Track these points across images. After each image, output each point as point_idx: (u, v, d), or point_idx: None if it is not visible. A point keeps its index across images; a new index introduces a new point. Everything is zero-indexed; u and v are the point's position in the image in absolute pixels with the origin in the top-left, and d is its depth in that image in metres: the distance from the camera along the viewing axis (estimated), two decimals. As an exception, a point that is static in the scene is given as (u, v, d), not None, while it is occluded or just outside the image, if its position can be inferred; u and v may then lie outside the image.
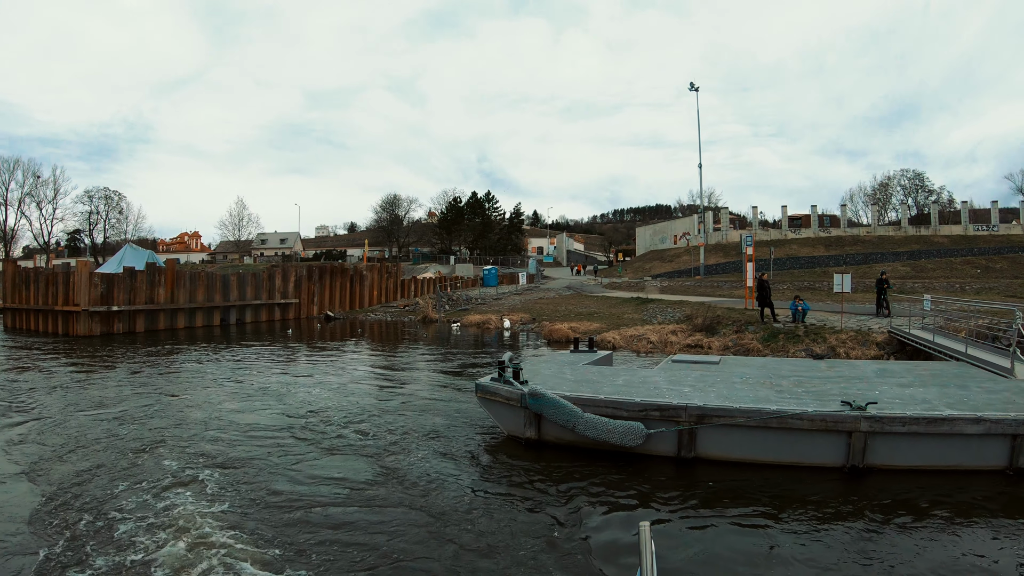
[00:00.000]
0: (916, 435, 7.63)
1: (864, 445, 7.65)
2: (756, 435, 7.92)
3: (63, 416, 11.09)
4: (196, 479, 7.71)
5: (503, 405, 9.20)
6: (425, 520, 6.48)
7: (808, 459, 7.84)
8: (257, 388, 13.97)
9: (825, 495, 7.14)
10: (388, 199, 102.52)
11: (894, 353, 17.92)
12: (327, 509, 6.80)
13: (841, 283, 20.50)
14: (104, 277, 25.94)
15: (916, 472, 7.65)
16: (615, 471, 7.91)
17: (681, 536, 6.11)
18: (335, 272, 39.47)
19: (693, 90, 63.77)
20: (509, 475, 7.98)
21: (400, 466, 8.21)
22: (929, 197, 77.40)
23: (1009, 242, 57.86)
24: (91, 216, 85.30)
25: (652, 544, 2.57)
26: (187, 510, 6.66)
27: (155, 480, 7.67)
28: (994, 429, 7.63)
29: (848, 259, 55.86)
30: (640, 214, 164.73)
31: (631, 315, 27.34)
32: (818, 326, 20.52)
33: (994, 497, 7.05)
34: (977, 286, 42.32)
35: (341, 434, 9.89)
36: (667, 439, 8.17)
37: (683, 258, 64.40)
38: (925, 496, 7.02)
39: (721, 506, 6.82)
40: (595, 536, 6.15)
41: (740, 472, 7.77)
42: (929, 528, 6.26)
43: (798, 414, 7.74)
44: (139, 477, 7.79)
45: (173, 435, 9.77)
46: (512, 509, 6.84)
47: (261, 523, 6.41)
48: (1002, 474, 7.63)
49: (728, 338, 20.22)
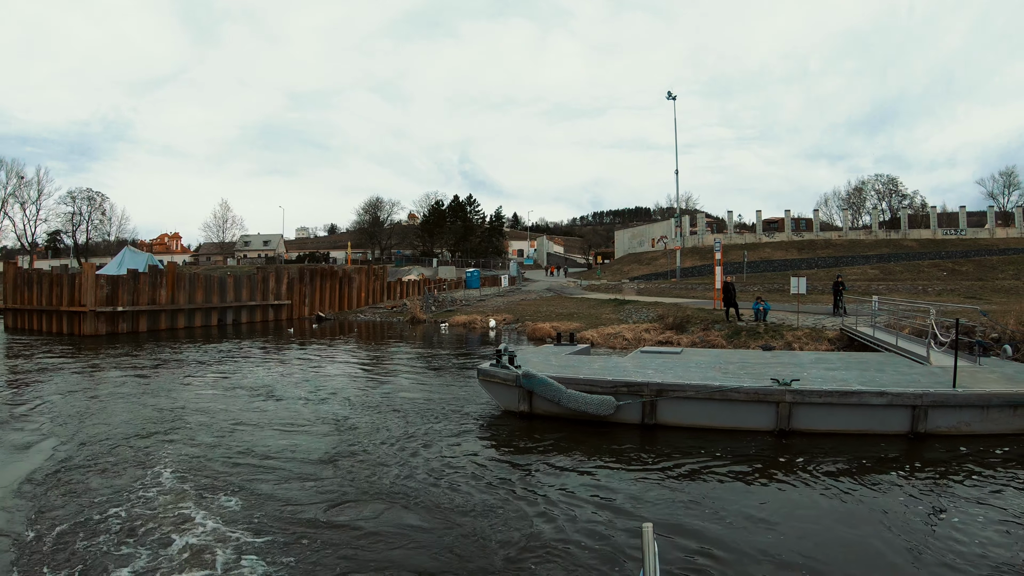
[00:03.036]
0: (831, 405, 9.61)
1: (789, 413, 9.63)
2: (704, 405, 9.89)
3: (84, 408, 12.15)
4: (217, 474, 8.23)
5: (500, 385, 11.06)
6: (447, 473, 8.28)
7: (745, 424, 9.82)
8: (281, 379, 15.60)
9: (759, 452, 9.03)
10: (371, 202, 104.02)
11: (844, 348, 19.97)
12: (366, 465, 8.53)
13: (797, 285, 22.59)
14: (109, 279, 27.21)
15: (833, 435, 9.61)
16: (592, 436, 9.83)
17: (644, 484, 7.92)
18: (325, 274, 40.91)
19: (671, 99, 66.09)
20: (509, 440, 9.86)
21: (419, 436, 9.99)
22: (903, 201, 79.79)
23: (976, 245, 59.88)
24: (74, 217, 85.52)
25: (655, 545, 2.57)
26: (196, 507, 6.95)
27: (162, 476, 8.06)
28: (896, 401, 9.61)
29: (820, 262, 57.48)
30: (620, 217, 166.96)
31: (609, 315, 29.22)
32: (778, 324, 22.59)
33: (897, 455, 8.95)
34: (940, 288, 44.35)
35: (370, 407, 11.64)
36: (633, 409, 10.13)
37: (660, 261, 66.23)
38: (839, 453, 8.92)
39: (676, 461, 8.68)
40: (576, 485, 7.97)
41: (692, 434, 9.73)
42: (841, 477, 8.06)
43: (736, 388, 9.72)
44: (149, 475, 8.14)
45: (192, 430, 10.52)
46: (511, 467, 8.66)
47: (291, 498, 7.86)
48: (905, 437, 9.60)
49: (696, 335, 22.20)
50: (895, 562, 5.65)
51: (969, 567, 5.52)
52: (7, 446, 9.58)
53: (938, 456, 8.84)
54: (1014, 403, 9.68)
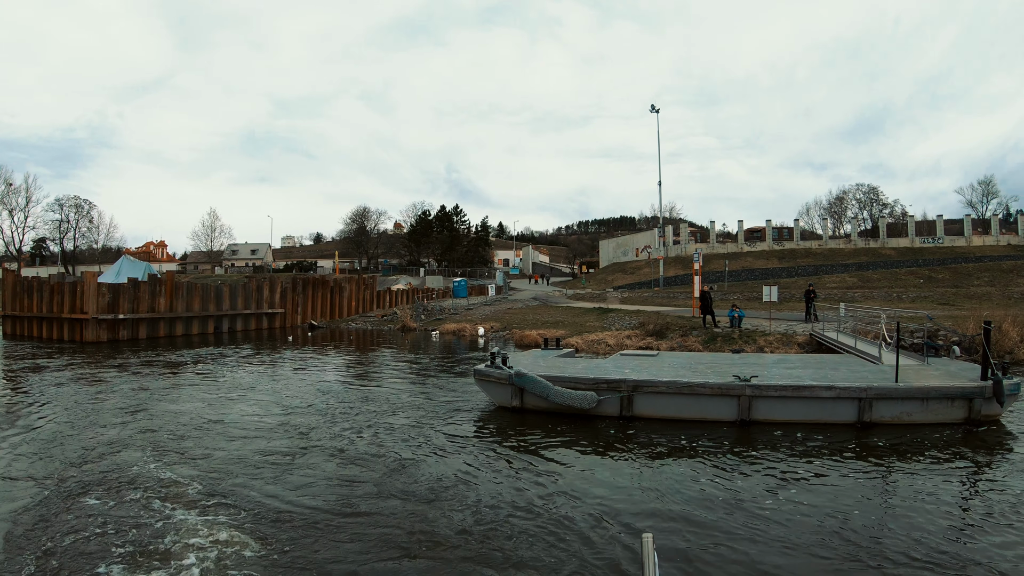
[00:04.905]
0: (786, 398, 10.94)
1: (749, 405, 10.96)
2: (674, 399, 11.23)
3: (84, 416, 12.91)
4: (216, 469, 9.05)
5: (495, 384, 12.30)
6: (450, 457, 9.47)
7: (711, 415, 11.15)
8: (286, 384, 16.68)
9: (723, 439, 10.29)
10: (358, 211, 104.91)
11: (813, 351, 21.40)
12: (367, 456, 9.69)
13: (769, 294, 24.04)
14: (111, 287, 28.09)
15: (788, 424, 10.93)
16: (576, 426, 11.09)
17: (621, 468, 9.14)
18: (317, 284, 41.90)
19: (654, 111, 68.08)
20: (503, 431, 11.08)
21: (425, 427, 11.19)
22: (884, 210, 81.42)
23: (953, 253, 61.56)
24: (61, 225, 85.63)
25: (655, 556, 2.58)
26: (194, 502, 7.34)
27: (163, 474, 8.54)
28: (843, 394, 10.96)
29: (800, 271, 58.80)
30: (605, 226, 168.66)
31: (593, 323, 30.50)
32: (752, 330, 24.00)
33: (845, 440, 10.22)
34: (914, 295, 45.89)
35: (374, 404, 12.79)
36: (612, 403, 11.43)
37: (644, 270, 67.58)
38: (794, 440, 10.21)
39: (649, 449, 9.92)
40: (561, 468, 9.18)
41: (664, 425, 11.05)
42: (795, 459, 9.31)
43: (703, 383, 11.07)
44: (154, 472, 8.61)
45: (200, 432, 11.57)
46: (505, 453, 9.88)
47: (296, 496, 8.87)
48: (852, 426, 10.92)
49: (675, 340, 23.54)
50: (842, 534, 6.60)
51: (906, 536, 6.49)
52: (25, 445, 10.43)
53: (881, 442, 10.13)
54: (950, 396, 11.06)
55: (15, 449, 9.78)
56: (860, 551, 6.12)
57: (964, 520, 6.96)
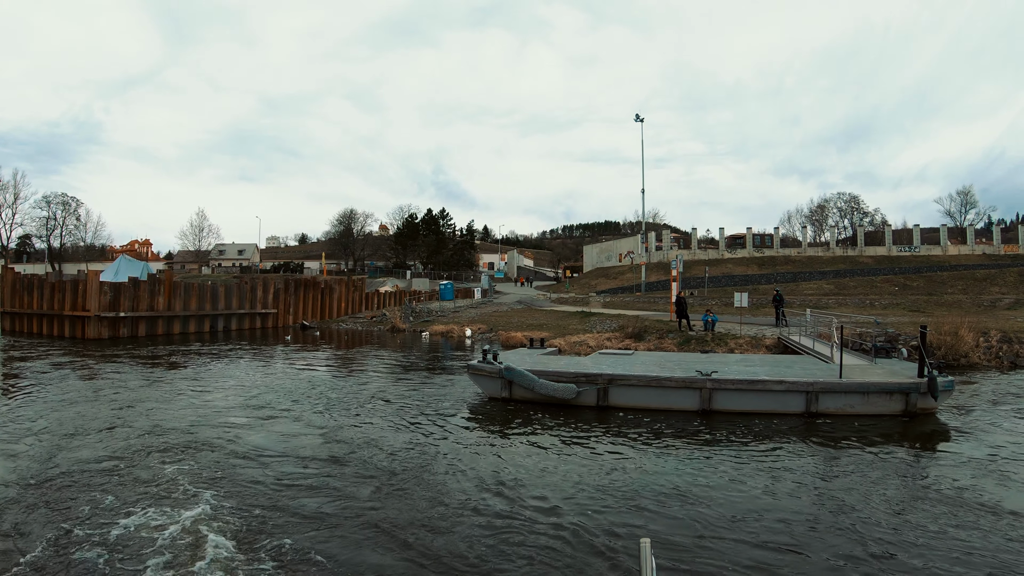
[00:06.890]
0: (742, 391, 12.48)
1: (710, 396, 12.50)
2: (645, 391, 12.79)
3: (94, 406, 14.40)
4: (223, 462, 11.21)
5: (486, 377, 13.76)
6: (445, 441, 10.87)
7: (677, 405, 12.70)
8: (295, 377, 17.96)
9: (687, 426, 11.78)
10: (345, 213, 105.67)
11: (780, 353, 23.02)
12: (369, 439, 11.05)
13: (740, 300, 25.67)
14: (112, 286, 29.11)
15: (745, 413, 12.45)
16: (558, 415, 12.55)
17: (597, 449, 10.58)
18: (308, 285, 43.03)
19: (639, 121, 69.92)
20: (493, 418, 12.53)
21: (424, 416, 12.59)
22: (864, 219, 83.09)
23: (929, 262, 62.65)
24: (48, 222, 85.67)
25: (652, 560, 2.58)
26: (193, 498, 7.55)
27: (164, 471, 9.46)
28: (792, 388, 12.50)
29: (779, 277, 59.76)
30: (590, 230, 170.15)
31: (575, 326, 31.96)
32: (724, 333, 25.60)
33: (794, 428, 11.76)
34: (887, 302, 47.25)
35: (376, 396, 14.14)
36: (590, 394, 12.96)
37: (627, 275, 68.45)
38: (749, 427, 11.71)
39: (623, 434, 11.37)
40: (544, 450, 10.62)
41: (635, 413, 12.57)
42: (750, 443, 10.78)
43: (669, 377, 12.60)
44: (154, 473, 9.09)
45: (205, 425, 13.05)
46: (495, 437, 11.30)
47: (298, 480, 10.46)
48: (801, 416, 12.44)
49: (652, 342, 25.08)
50: (788, 506, 7.88)
51: (847, 509, 7.75)
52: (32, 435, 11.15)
53: (826, 430, 11.64)
54: (888, 390, 12.62)
55: (33, 437, 10.93)
56: (796, 526, 7.22)
57: (894, 497, 8.10)
